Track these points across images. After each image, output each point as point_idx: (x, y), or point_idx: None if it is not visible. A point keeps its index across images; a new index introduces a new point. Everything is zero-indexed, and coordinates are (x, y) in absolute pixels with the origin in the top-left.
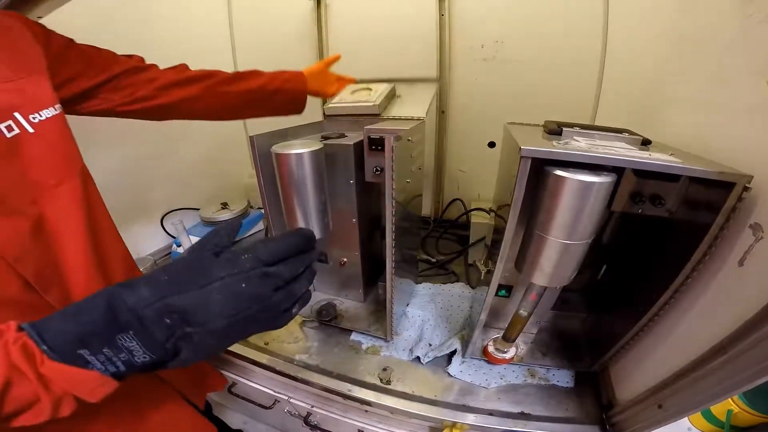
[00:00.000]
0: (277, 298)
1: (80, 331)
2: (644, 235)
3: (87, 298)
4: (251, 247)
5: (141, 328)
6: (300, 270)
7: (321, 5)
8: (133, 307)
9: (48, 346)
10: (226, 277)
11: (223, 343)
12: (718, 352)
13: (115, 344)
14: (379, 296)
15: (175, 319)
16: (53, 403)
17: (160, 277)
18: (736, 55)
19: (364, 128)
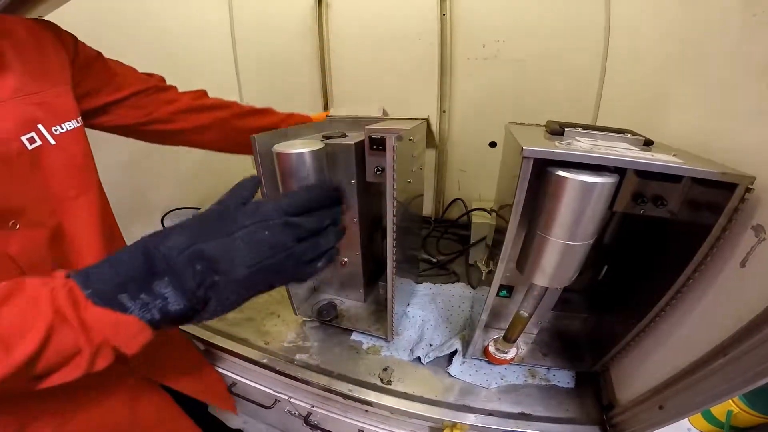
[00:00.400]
0: (300, 249)
1: (120, 277)
2: (646, 236)
3: (125, 248)
4: (276, 199)
5: (174, 274)
6: (326, 223)
7: (322, 4)
8: (167, 253)
9: (91, 289)
10: (250, 225)
11: (248, 292)
12: (719, 353)
13: (152, 290)
14: (379, 296)
15: (204, 265)
16: (92, 353)
17: (191, 224)
18: (739, 55)
19: (365, 128)
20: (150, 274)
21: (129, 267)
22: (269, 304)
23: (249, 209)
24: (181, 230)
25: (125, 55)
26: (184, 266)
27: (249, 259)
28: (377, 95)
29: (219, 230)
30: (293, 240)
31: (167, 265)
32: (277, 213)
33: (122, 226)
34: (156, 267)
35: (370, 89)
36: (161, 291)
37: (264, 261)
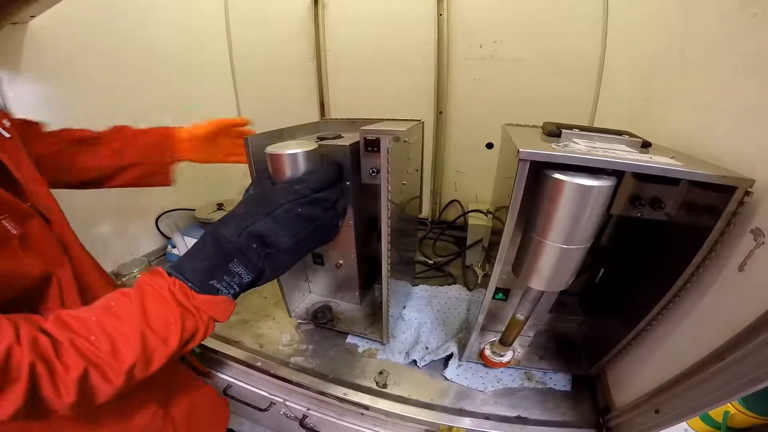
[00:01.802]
0: (328, 217)
1: (206, 266)
2: (643, 239)
3: (198, 240)
4: (301, 179)
5: (240, 254)
6: (339, 192)
7: (318, 4)
8: (231, 239)
9: (192, 283)
10: (286, 204)
11: (293, 257)
12: (716, 357)
13: (230, 271)
14: (375, 299)
15: (258, 243)
16: (205, 328)
17: (240, 211)
18: (738, 55)
19: (359, 129)
20: (224, 259)
21: (207, 255)
22: (264, 307)
23: (281, 190)
24: (235, 218)
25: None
26: (246, 246)
27: (291, 231)
28: (373, 96)
29: (262, 212)
30: (322, 211)
31: (234, 248)
32: (306, 191)
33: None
34: (226, 251)
35: (367, 89)
36: (235, 270)
37: (302, 231)
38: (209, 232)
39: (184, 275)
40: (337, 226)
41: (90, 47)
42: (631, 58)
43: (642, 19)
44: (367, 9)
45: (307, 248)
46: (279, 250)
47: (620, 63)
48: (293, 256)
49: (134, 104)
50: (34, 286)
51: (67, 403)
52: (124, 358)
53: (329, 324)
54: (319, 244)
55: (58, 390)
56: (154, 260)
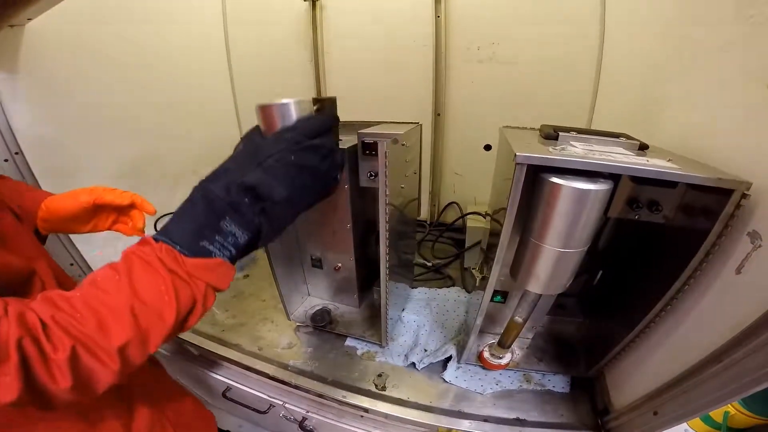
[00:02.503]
0: (325, 166)
1: (194, 227)
2: (641, 241)
3: (185, 200)
4: (292, 127)
5: (233, 210)
6: (336, 141)
7: (316, 6)
8: (221, 195)
9: (181, 246)
10: (276, 153)
11: (291, 211)
12: (714, 359)
13: (222, 230)
14: (374, 301)
15: (250, 196)
16: (203, 298)
17: (230, 166)
18: (735, 58)
19: (357, 132)
20: (215, 217)
21: (197, 215)
22: (262, 310)
23: (271, 140)
24: (225, 173)
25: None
26: (238, 202)
27: (285, 181)
28: (372, 98)
29: (252, 163)
30: (319, 159)
31: (226, 204)
32: (299, 137)
33: None
34: (217, 208)
35: (365, 91)
36: (229, 229)
37: (297, 180)
38: (196, 188)
39: (171, 238)
40: (336, 178)
41: (87, 49)
42: (628, 60)
43: (639, 22)
44: (365, 11)
45: (306, 201)
46: (274, 203)
47: (618, 65)
48: (291, 209)
49: (132, 106)
50: (18, 280)
51: (65, 388)
52: (113, 336)
53: (328, 327)
54: (318, 197)
55: (51, 372)
56: None
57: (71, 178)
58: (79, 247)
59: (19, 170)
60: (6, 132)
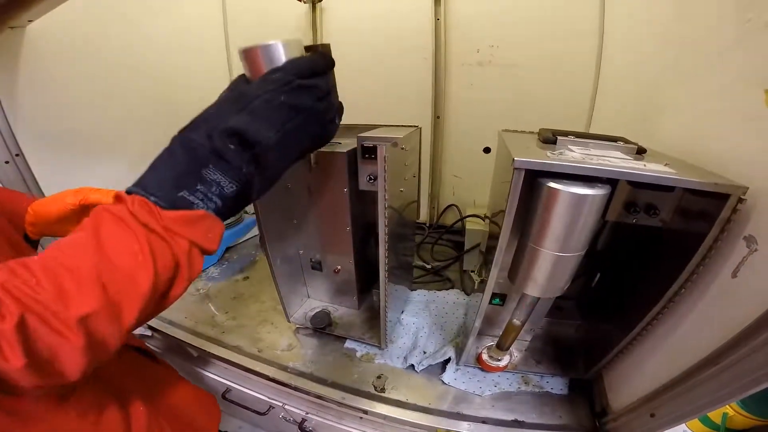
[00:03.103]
0: (320, 107)
1: (173, 175)
2: (638, 244)
3: (164, 149)
4: (281, 67)
5: (217, 158)
6: (332, 83)
7: (316, 9)
8: (202, 142)
9: (154, 196)
10: (263, 95)
11: (284, 156)
12: (711, 362)
13: (204, 179)
14: (373, 303)
15: (236, 142)
16: (187, 258)
17: (210, 111)
18: (733, 62)
19: (357, 136)
20: (197, 165)
21: (176, 163)
22: (262, 312)
23: (258, 83)
24: (205, 119)
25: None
26: (222, 148)
27: (274, 123)
28: (371, 100)
29: (235, 108)
30: (313, 100)
31: (208, 151)
32: (289, 78)
33: None
34: (199, 156)
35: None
36: (212, 177)
37: (288, 123)
38: (174, 137)
39: (146, 189)
40: (334, 120)
41: (88, 51)
42: (627, 63)
43: (638, 25)
44: (365, 13)
45: (300, 145)
46: (264, 148)
47: (617, 68)
48: (284, 154)
49: (132, 108)
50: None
51: (18, 367)
52: (73, 304)
53: (327, 329)
54: (314, 142)
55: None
56: None
57: (72, 180)
58: None
59: (20, 172)
60: (6, 133)
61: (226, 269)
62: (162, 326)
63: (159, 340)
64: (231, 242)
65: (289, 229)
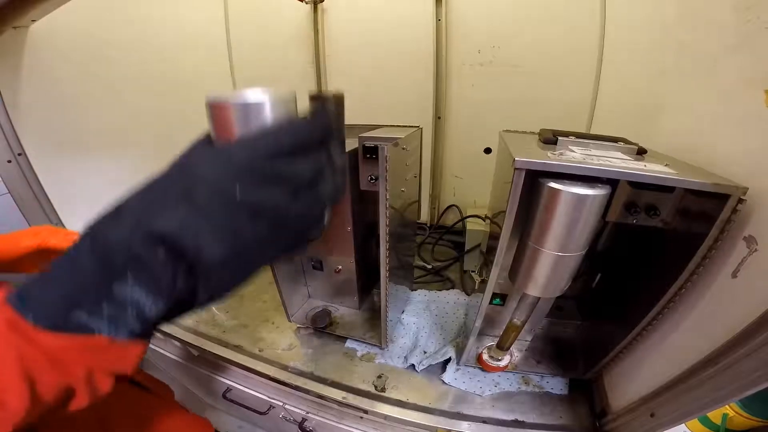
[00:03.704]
0: (299, 207)
1: (70, 287)
2: (639, 245)
3: (71, 246)
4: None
5: (136, 268)
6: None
7: (318, 10)
8: (121, 243)
9: (33, 314)
10: (213, 182)
11: (239, 274)
12: (710, 362)
13: (115, 298)
14: (374, 303)
15: (165, 250)
16: (87, 387)
17: (140, 197)
18: (733, 63)
19: (358, 136)
20: (106, 276)
21: (78, 270)
22: (263, 311)
23: (215, 154)
24: (130, 208)
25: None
26: (146, 255)
27: (222, 230)
28: (372, 100)
29: (175, 193)
30: (289, 197)
31: (126, 258)
32: (257, 161)
33: None
34: (112, 264)
35: (365, 94)
36: (127, 296)
37: (245, 232)
38: (85, 229)
39: (26, 301)
40: (320, 221)
41: (90, 51)
42: (628, 64)
43: (638, 26)
44: (366, 14)
45: (262, 260)
46: (206, 266)
47: (617, 69)
48: (236, 272)
49: (133, 108)
50: None
51: None
52: None
53: (328, 328)
54: (288, 252)
55: None
56: None
57: (73, 180)
58: None
59: (22, 171)
60: (9, 133)
61: None
62: (162, 326)
63: (159, 339)
64: None
65: None
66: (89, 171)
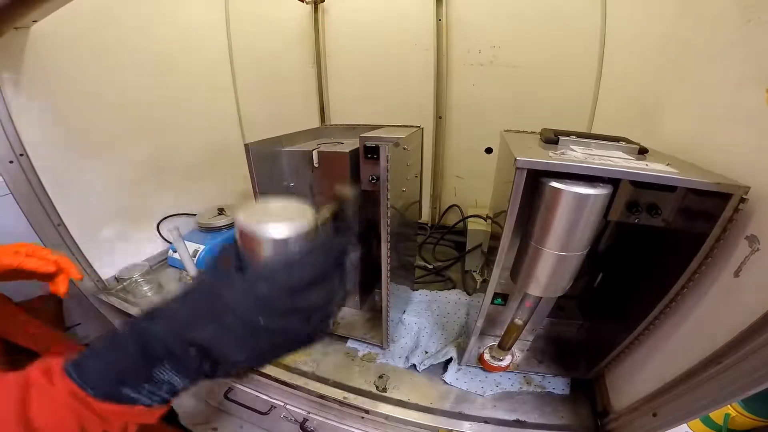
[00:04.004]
0: (312, 327)
1: (119, 370)
2: (641, 244)
3: (115, 334)
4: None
5: (172, 358)
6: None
7: (318, 9)
8: (161, 342)
9: (92, 389)
10: (241, 311)
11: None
12: (712, 361)
13: (154, 379)
14: (375, 303)
15: (198, 351)
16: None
17: (178, 307)
18: (735, 62)
19: (359, 136)
20: (148, 364)
21: (124, 357)
22: None
23: (243, 289)
24: (170, 315)
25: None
26: (182, 353)
27: (247, 346)
28: (373, 101)
29: (210, 312)
30: (301, 322)
31: (164, 352)
32: (276, 295)
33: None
34: (152, 355)
35: (366, 95)
36: (164, 377)
37: (264, 345)
38: (127, 324)
39: (85, 380)
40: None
41: (92, 52)
42: (628, 64)
43: (639, 25)
44: (367, 14)
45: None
46: (229, 364)
47: (618, 68)
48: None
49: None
50: None
51: None
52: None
53: (329, 329)
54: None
55: None
56: (155, 264)
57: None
58: None
59: (24, 172)
60: (11, 133)
61: None
62: None
63: None
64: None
65: None
66: (90, 171)
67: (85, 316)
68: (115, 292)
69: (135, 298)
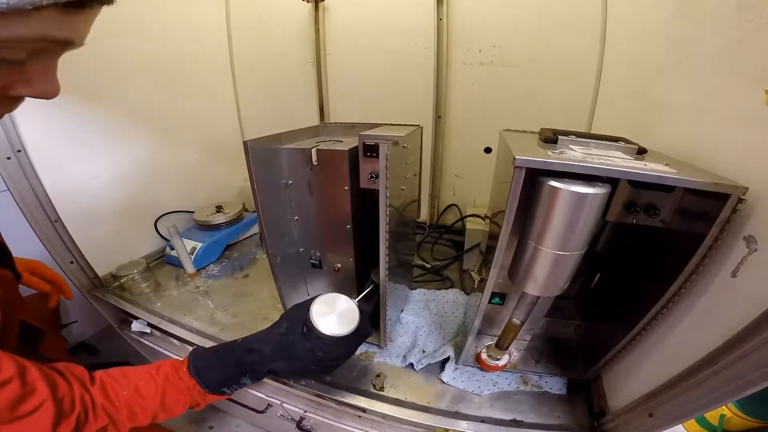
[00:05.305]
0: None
1: (223, 377)
2: (638, 244)
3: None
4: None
5: (253, 374)
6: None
7: (319, 8)
8: (251, 365)
9: (207, 388)
10: (305, 359)
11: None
12: (709, 362)
13: (240, 383)
14: None
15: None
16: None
17: (266, 348)
18: (734, 62)
19: (359, 134)
20: (239, 374)
21: (228, 370)
22: (262, 309)
23: (308, 350)
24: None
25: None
26: (261, 374)
27: (300, 373)
28: (373, 99)
29: (285, 355)
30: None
31: (251, 370)
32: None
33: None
34: (244, 371)
35: (366, 93)
36: (245, 382)
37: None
38: (237, 353)
39: (204, 382)
40: (339, 365)
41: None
42: (629, 64)
43: (639, 25)
44: (367, 13)
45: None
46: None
47: (618, 68)
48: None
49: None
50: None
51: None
52: (136, 421)
53: None
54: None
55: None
56: (153, 262)
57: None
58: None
59: (22, 168)
60: (10, 129)
61: (227, 267)
62: (161, 323)
63: (158, 338)
64: (232, 240)
65: (289, 227)
66: (89, 168)
67: (82, 313)
68: (112, 290)
69: (132, 295)
